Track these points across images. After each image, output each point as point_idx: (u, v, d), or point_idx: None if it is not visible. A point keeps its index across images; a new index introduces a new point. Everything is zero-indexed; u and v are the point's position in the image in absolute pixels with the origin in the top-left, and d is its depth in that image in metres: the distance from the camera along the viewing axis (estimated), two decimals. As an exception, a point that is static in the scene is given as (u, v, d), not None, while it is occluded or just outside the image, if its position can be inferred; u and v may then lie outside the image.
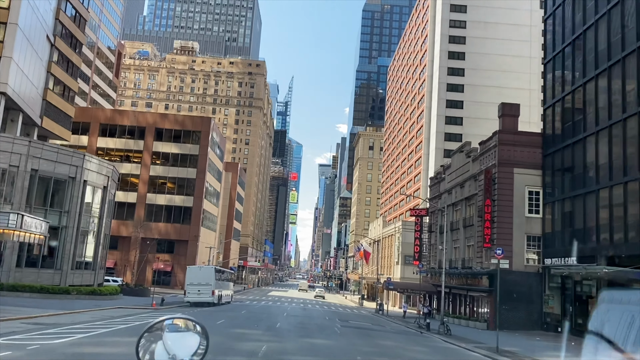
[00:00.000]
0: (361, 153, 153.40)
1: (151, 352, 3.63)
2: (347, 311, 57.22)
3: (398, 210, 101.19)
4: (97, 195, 43.54)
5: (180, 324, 3.90)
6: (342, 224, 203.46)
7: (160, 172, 79.16)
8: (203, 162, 79.34)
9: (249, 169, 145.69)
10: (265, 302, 59.14)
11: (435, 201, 57.16)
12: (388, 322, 43.70)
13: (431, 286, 53.39)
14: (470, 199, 46.20)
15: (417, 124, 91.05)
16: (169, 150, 79.68)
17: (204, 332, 3.86)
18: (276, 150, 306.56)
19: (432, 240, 57.70)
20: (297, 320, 35.24)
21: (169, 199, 78.69)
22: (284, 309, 47.74)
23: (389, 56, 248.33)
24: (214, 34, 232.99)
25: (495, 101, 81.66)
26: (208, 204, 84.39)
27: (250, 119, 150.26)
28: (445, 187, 53.61)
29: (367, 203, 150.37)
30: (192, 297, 43.68)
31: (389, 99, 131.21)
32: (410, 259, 74.60)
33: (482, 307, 41.23)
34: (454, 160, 51.67)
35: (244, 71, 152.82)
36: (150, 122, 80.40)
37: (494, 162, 40.29)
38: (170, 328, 3.83)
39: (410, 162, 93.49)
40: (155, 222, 78.15)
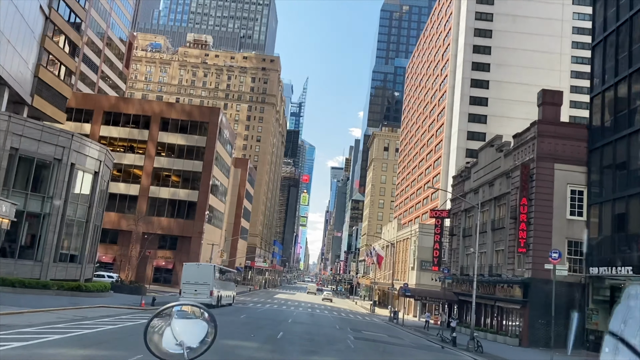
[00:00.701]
0: (375, 154, 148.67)
1: (159, 338, 3.68)
2: (358, 318, 52.59)
3: (414, 213, 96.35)
4: (87, 181, 39.37)
5: (189, 310, 3.96)
6: (353, 227, 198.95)
7: (165, 164, 75.14)
8: (210, 154, 75.19)
9: (259, 166, 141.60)
10: (269, 306, 54.69)
11: (459, 201, 52.37)
12: (406, 333, 39.03)
13: (451, 294, 48.60)
14: (500, 198, 41.42)
15: (437, 122, 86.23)
16: (175, 142, 75.62)
17: (212, 320, 3.93)
18: (288, 150, 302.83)
19: (454, 245, 52.92)
20: (303, 328, 30.73)
21: (173, 192, 74.62)
22: (289, 314, 43.24)
23: (406, 57, 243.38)
24: (229, 30, 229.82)
25: (522, 99, 76.91)
26: (214, 199, 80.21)
27: (263, 116, 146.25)
28: (471, 186, 48.85)
29: (380, 206, 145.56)
30: (188, 298, 39.35)
31: (407, 98, 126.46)
32: (427, 265, 69.77)
33: (513, 320, 36.39)
34: (482, 156, 46.91)
35: (258, 66, 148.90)
36: (156, 111, 76.44)
37: (531, 157, 35.51)
38: (178, 314, 3.89)
39: (429, 162, 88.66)
40: (158, 217, 74.08)
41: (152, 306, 35.33)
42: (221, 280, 44.10)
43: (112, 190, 74.65)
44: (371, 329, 37.77)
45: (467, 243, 48.76)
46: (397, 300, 64.35)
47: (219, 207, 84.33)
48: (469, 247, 48.29)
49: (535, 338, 32.95)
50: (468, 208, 49.35)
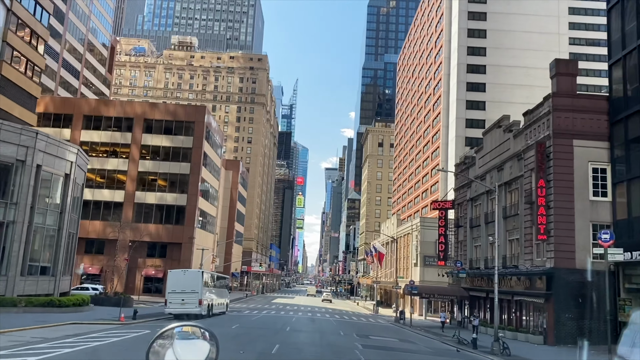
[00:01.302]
0: (370, 150, 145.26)
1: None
2: (362, 321, 49.02)
3: (413, 208, 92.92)
4: (57, 185, 35.61)
5: (190, 331, 4.06)
6: (350, 227, 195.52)
7: (150, 167, 71.35)
8: (198, 155, 71.48)
9: (252, 168, 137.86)
10: (267, 312, 51.01)
11: (463, 190, 48.91)
12: (417, 335, 35.48)
13: (461, 290, 45.09)
14: (511, 183, 38.00)
15: (433, 112, 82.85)
16: (160, 144, 71.86)
17: (213, 339, 4.00)
18: (281, 152, 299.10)
19: (460, 237, 49.45)
20: (303, 338, 27.11)
21: (160, 197, 70.82)
22: (288, 321, 39.61)
23: (396, 53, 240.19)
24: (215, 33, 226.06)
25: (522, 83, 73.63)
26: (205, 202, 76.47)
27: (253, 116, 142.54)
28: (476, 172, 45.40)
29: (377, 203, 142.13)
30: (175, 308, 35.68)
31: (399, 91, 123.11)
32: (430, 260, 66.29)
33: (535, 316, 32.89)
34: (488, 139, 43.49)
35: (245, 66, 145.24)
36: (139, 112, 72.64)
37: (547, 134, 32.07)
38: (180, 335, 3.98)
39: (426, 154, 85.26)
40: (145, 223, 70.21)
41: (134, 320, 31.63)
42: (212, 288, 40.43)
43: (96, 198, 70.95)
44: (379, 333, 34.20)
45: (475, 234, 45.32)
46: (403, 299, 60.83)
47: (210, 210, 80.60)
48: (477, 238, 44.87)
49: (563, 334, 29.49)
50: (474, 197, 45.93)
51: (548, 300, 30.26)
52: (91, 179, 71.42)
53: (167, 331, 3.93)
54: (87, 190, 71.41)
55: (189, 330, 4.00)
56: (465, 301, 45.94)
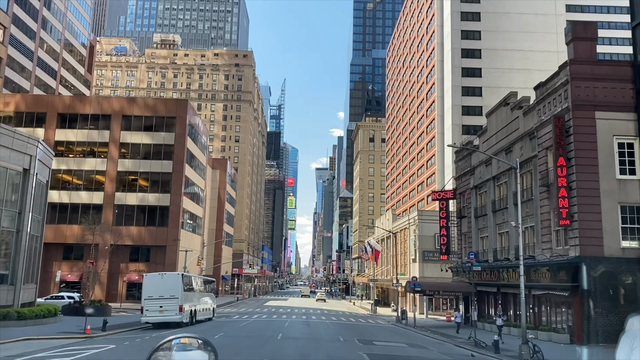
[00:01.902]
0: (361, 146, 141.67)
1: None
2: (361, 322, 45.28)
3: (408, 202, 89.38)
4: (14, 182, 31.53)
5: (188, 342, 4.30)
6: (343, 226, 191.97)
7: (130, 166, 67.19)
8: (180, 152, 67.44)
9: (240, 168, 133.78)
10: (257, 317, 47.13)
11: (466, 178, 45.30)
12: (425, 337, 31.76)
13: (467, 286, 41.40)
14: (522, 165, 34.38)
15: (426, 101, 79.34)
16: (140, 141, 67.73)
17: (212, 349, 4.17)
18: (271, 152, 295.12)
19: (464, 228, 45.81)
20: (297, 347, 23.29)
21: (141, 197, 66.70)
22: (280, 326, 35.76)
23: (384, 48, 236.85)
24: (199, 32, 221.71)
25: (519, 67, 70.21)
26: (190, 202, 72.39)
27: (240, 114, 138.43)
28: (480, 158, 41.81)
29: (370, 199, 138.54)
30: (152, 316, 31.73)
31: (390, 83, 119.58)
32: (430, 255, 62.77)
33: (558, 312, 29.24)
34: (492, 121, 39.91)
35: (230, 63, 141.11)
36: (117, 108, 68.46)
37: (565, 106, 28.46)
38: (178, 347, 4.18)
39: (421, 145, 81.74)
40: (127, 226, 66.01)
41: (103, 331, 27.67)
42: (195, 292, 36.51)
43: (74, 200, 66.68)
44: (382, 337, 30.44)
45: (481, 224, 41.71)
46: (404, 297, 57.13)
47: (196, 211, 76.51)
48: (483, 228, 41.27)
49: (593, 332, 25.87)
50: (479, 184, 42.33)
51: (574, 293, 26.65)
52: (68, 180, 67.25)
53: (166, 343, 4.14)
54: (64, 193, 67.36)
55: (186, 341, 4.23)
56: (471, 297, 42.27)
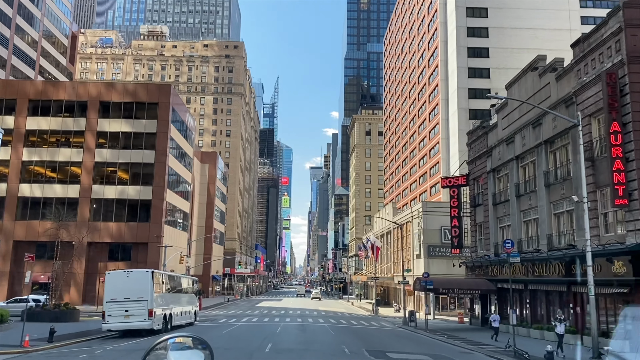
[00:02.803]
0: (357, 140, 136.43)
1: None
2: (363, 326, 40.01)
3: (409, 195, 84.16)
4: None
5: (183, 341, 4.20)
6: (338, 223, 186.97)
7: (109, 157, 61.69)
8: (163, 141, 61.96)
9: (231, 163, 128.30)
10: (247, 320, 41.79)
11: (481, 161, 40.08)
12: (447, 345, 26.43)
13: (486, 282, 36.21)
14: (555, 140, 29.24)
15: (429, 86, 74.14)
16: (119, 129, 62.22)
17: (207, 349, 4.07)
18: (264, 150, 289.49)
19: (479, 218, 40.60)
20: None
21: (121, 190, 61.20)
22: (271, 332, 30.42)
23: (379, 42, 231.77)
24: (189, 26, 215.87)
25: (529, 46, 64.73)
26: (174, 196, 66.89)
27: (231, 107, 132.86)
28: (500, 136, 36.62)
29: (367, 195, 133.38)
30: (116, 322, 26.32)
31: (387, 72, 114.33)
32: (436, 250, 57.63)
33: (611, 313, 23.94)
34: (514, 92, 34.69)
35: (220, 54, 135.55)
36: (94, 94, 62.90)
37: (618, 59, 23.23)
38: (173, 347, 4.09)
39: (423, 134, 76.52)
40: (105, 222, 60.62)
41: (49, 342, 22.23)
42: (170, 293, 31.09)
43: (47, 194, 61.02)
44: (395, 345, 25.13)
45: (500, 212, 36.49)
46: (411, 296, 51.80)
47: (181, 205, 70.99)
48: (504, 217, 36.06)
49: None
50: (498, 167, 37.13)
51: (636, 289, 21.41)
52: (40, 172, 61.66)
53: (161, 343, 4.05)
54: (37, 186, 61.68)
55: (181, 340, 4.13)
56: (490, 296, 37.08)
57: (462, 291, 35.61)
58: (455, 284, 36.26)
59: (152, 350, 3.92)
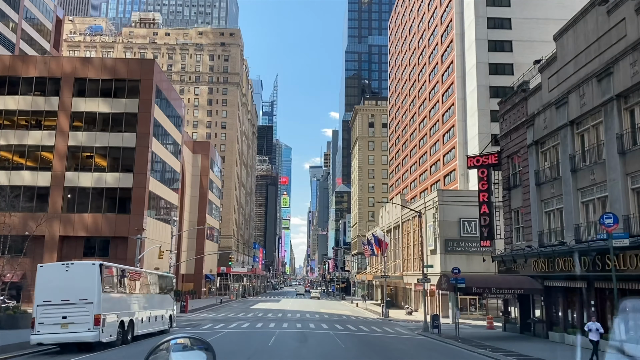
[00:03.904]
0: (360, 132, 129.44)
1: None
2: (376, 332, 33.13)
3: (418, 187, 77.16)
4: None
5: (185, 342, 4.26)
6: (339, 222, 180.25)
7: (85, 140, 54.81)
8: (146, 122, 55.07)
9: (227, 156, 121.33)
10: (237, 325, 34.89)
11: (518, 134, 33.13)
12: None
13: (530, 280, 29.26)
14: (631, 94, 22.31)
15: (441, 65, 67.22)
16: (96, 109, 55.34)
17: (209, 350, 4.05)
18: (263, 147, 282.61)
19: (515, 203, 33.62)
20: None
21: (98, 178, 54.28)
22: (263, 344, 23.55)
23: (380, 35, 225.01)
24: (185, 19, 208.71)
25: (556, 16, 57.83)
26: (159, 185, 59.93)
27: (226, 98, 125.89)
28: (545, 100, 29.74)
29: (370, 190, 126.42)
30: (49, 334, 19.34)
31: (393, 57, 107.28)
32: (454, 245, 50.77)
33: None
34: (568, 43, 27.77)
35: (216, 42, 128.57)
36: (68, 70, 56.01)
37: None
38: (175, 348, 4.13)
39: (435, 117, 69.56)
40: (80, 213, 53.71)
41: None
42: (131, 294, 24.11)
43: (14, 182, 53.68)
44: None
45: (547, 193, 29.56)
46: (434, 297, 44.70)
47: (168, 196, 64.00)
48: (550, 200, 29.13)
49: None
50: (542, 138, 30.23)
51: None
52: (7, 158, 54.69)
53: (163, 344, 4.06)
54: (3, 173, 54.41)
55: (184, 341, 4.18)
56: (535, 296, 30.10)
57: (500, 291, 28.66)
58: (493, 282, 29.27)
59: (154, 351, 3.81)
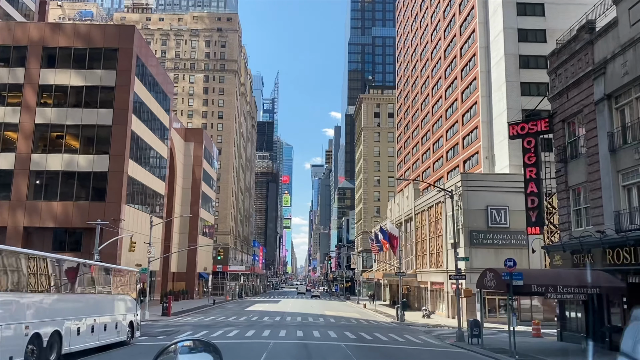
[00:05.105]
0: (365, 122, 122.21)
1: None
2: (398, 343, 25.99)
3: (432, 176, 69.86)
4: None
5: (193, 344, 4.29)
6: (342, 219, 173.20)
7: (54, 117, 47.71)
8: (124, 97, 47.92)
9: (224, 148, 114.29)
10: (222, 333, 27.77)
11: (578, 91, 25.93)
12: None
13: (606, 276, 22.03)
14: None
15: (460, 36, 59.95)
16: (67, 82, 48.25)
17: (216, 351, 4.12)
18: (263, 143, 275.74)
19: (575, 178, 26.45)
20: None
21: (69, 161, 47.17)
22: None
23: (384, 26, 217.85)
24: (182, 8, 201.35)
25: (594, -23, 51.10)
26: (141, 170, 52.74)
27: (223, 86, 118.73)
28: (624, 40, 22.63)
29: (375, 184, 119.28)
30: None
31: (401, 39, 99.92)
32: (480, 237, 43.63)
33: None
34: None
35: (212, 27, 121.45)
36: (35, 38, 48.94)
37: None
38: (182, 350, 4.12)
39: (453, 96, 62.27)
40: (48, 201, 46.60)
41: None
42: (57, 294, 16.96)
43: (-28, 166, 47.09)
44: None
45: (627, 161, 22.38)
46: (467, 297, 37.36)
47: (152, 184, 56.80)
48: (634, 170, 21.90)
49: None
50: (616, 91, 23.04)
51: None
52: (-36, 138, 47.67)
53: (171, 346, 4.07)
54: (-40, 156, 47.80)
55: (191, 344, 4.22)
56: (614, 297, 22.84)
57: (569, 290, 21.49)
58: (558, 279, 22.05)
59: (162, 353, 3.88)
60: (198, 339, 4.27)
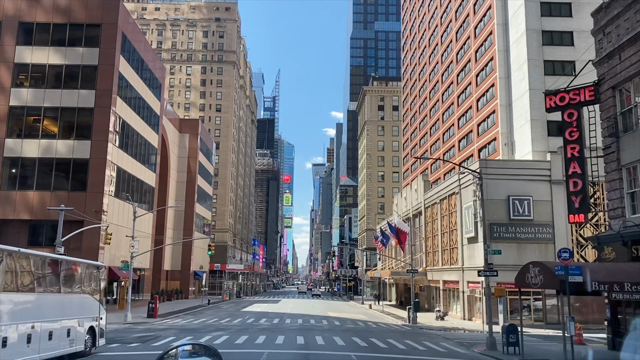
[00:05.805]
0: (368, 116, 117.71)
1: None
2: (418, 351, 21.69)
3: (442, 168, 65.40)
4: None
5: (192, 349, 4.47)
6: (344, 217, 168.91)
7: (31, 99, 43.36)
8: (107, 77, 43.55)
9: (222, 142, 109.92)
10: (209, 338, 23.46)
11: (636, 49, 21.44)
12: None
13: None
14: None
15: (474, 15, 55.49)
16: (45, 61, 43.91)
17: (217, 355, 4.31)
18: (264, 141, 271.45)
19: (627, 157, 22.02)
20: None
21: (46, 146, 42.83)
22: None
23: (387, 20, 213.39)
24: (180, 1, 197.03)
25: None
26: (127, 159, 48.34)
27: (221, 78, 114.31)
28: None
29: (379, 179, 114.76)
30: None
31: (408, 26, 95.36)
32: (501, 230, 39.19)
33: None
34: None
35: (210, 17, 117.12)
36: (10, 12, 44.62)
37: None
38: (183, 354, 4.37)
39: (466, 80, 57.77)
40: (22, 191, 42.25)
41: None
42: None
43: (-59, 153, 42.75)
44: None
45: None
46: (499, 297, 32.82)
47: (140, 174, 52.38)
48: None
49: None
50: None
51: None
52: None
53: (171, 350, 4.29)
54: None
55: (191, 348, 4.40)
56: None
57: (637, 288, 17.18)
58: (622, 275, 17.66)
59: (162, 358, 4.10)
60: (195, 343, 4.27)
